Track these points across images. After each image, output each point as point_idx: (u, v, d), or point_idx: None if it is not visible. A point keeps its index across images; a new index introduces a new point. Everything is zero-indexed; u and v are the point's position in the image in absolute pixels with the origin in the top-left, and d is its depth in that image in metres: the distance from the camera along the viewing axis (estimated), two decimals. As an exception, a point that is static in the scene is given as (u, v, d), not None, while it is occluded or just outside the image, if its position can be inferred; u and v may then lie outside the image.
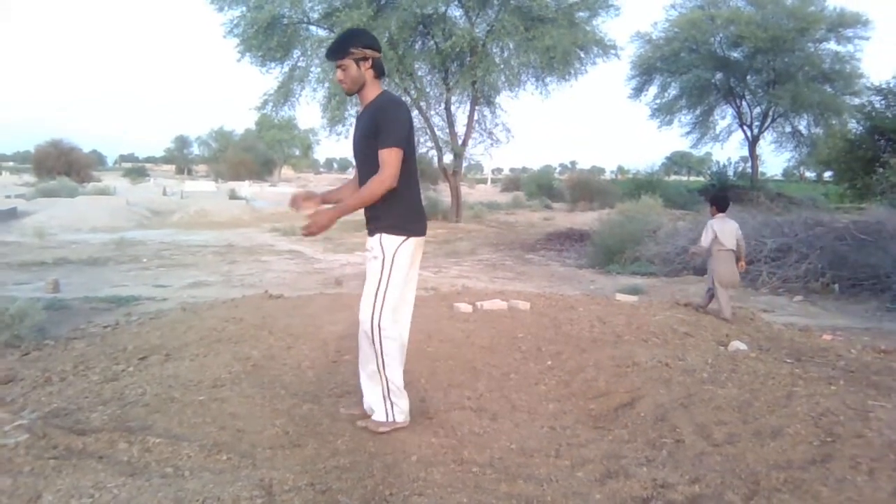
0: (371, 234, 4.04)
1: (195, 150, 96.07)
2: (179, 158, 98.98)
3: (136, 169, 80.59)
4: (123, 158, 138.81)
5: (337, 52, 3.95)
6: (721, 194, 8.99)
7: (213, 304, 8.05)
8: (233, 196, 35.76)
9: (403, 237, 3.97)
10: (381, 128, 3.84)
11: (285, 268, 14.01)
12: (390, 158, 3.80)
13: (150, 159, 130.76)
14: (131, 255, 15.50)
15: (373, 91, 4.02)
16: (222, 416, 4.03)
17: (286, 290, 9.91)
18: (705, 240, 8.14)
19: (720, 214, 8.29)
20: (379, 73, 4.03)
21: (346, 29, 3.58)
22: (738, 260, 8.23)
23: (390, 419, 4.01)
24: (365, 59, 3.93)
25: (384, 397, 4.01)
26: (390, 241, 3.95)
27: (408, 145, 3.93)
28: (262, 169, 71.35)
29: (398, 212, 3.98)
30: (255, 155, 71.25)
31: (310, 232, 3.85)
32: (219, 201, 31.44)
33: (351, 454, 3.62)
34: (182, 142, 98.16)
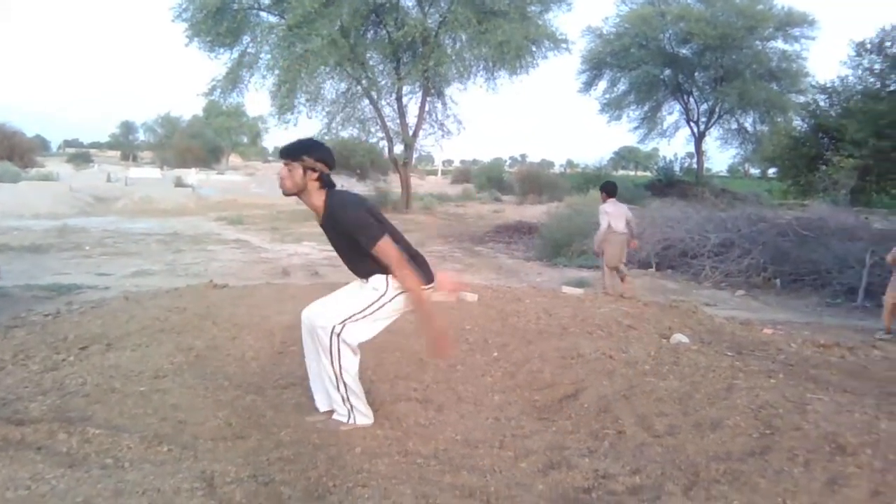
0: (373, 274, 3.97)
1: (141, 136, 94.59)
2: (125, 144, 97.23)
3: (80, 154, 78.89)
4: (68, 144, 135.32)
5: (289, 153, 3.91)
6: (610, 182, 9.64)
7: (156, 293, 7.95)
8: (179, 184, 35.38)
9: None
10: (356, 233, 3.82)
11: (231, 257, 13.89)
12: (384, 250, 3.78)
13: (94, 145, 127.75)
14: (74, 242, 15.27)
15: (317, 197, 3.94)
16: (164, 407, 3.99)
17: (232, 279, 9.83)
18: (603, 224, 8.93)
19: (611, 199, 8.94)
20: (325, 184, 3.94)
21: (307, 138, 3.63)
22: (630, 239, 9.17)
23: (351, 421, 3.96)
24: (313, 170, 3.87)
25: (344, 400, 3.95)
26: (396, 283, 3.90)
27: (377, 220, 3.88)
28: (209, 156, 70.40)
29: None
30: (202, 142, 70.26)
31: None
32: (164, 189, 31.07)
33: (294, 446, 3.60)
34: (127, 127, 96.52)
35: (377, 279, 3.91)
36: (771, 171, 45.18)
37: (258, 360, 5.19)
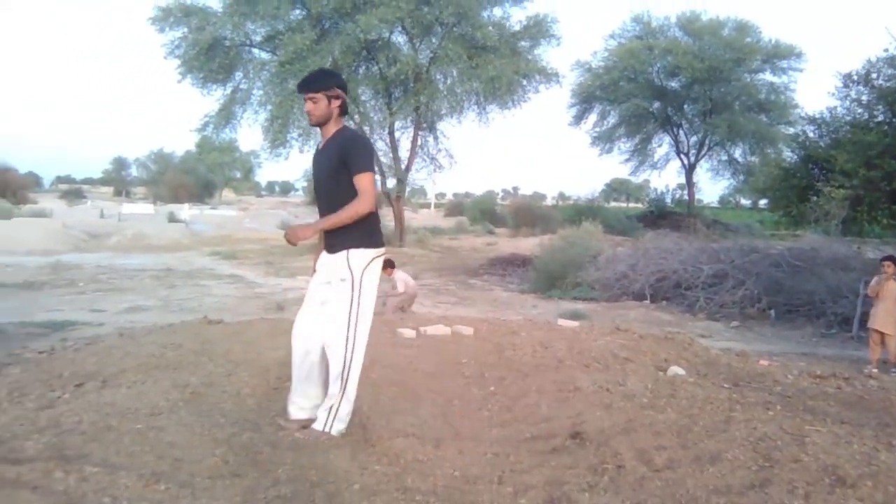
0: (334, 250, 4.20)
1: (134, 171, 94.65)
2: (117, 180, 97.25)
3: (73, 191, 78.99)
4: (60, 180, 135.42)
5: (310, 86, 4.22)
6: (389, 258, 10.59)
7: (150, 329, 7.91)
8: (172, 219, 35.34)
9: (372, 250, 4.20)
10: (352, 157, 4.09)
11: (225, 292, 13.86)
12: (367, 184, 4.06)
13: (87, 181, 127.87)
14: (67, 278, 15.22)
15: (335, 126, 4.27)
16: (160, 445, 3.95)
17: (226, 315, 9.79)
18: (401, 287, 10.99)
19: (395, 271, 10.97)
20: (343, 111, 4.30)
21: (321, 69, 4.30)
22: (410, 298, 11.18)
23: (327, 430, 4.20)
24: (336, 97, 4.21)
25: (330, 408, 4.20)
26: (358, 257, 4.14)
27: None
28: (202, 192, 70.66)
29: (365, 228, 4.17)
30: (195, 177, 70.50)
31: (287, 240, 4.09)
32: (157, 224, 31.04)
33: (292, 483, 3.57)
34: (120, 163, 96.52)
35: (338, 263, 4.16)
36: (762, 202, 45.33)
37: (254, 396, 5.16)
